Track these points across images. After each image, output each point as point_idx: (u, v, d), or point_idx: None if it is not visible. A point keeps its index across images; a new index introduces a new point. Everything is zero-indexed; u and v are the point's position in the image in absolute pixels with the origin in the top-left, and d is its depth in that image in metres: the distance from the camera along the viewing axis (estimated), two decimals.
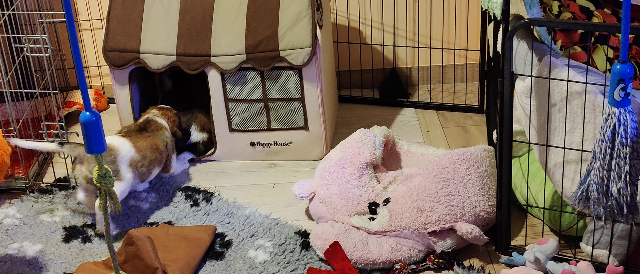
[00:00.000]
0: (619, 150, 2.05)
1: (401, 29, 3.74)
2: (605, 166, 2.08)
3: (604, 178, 2.10)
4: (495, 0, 2.51)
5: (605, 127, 2.05)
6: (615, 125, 2.03)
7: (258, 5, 3.08)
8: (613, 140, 2.05)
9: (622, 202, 2.10)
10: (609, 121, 2.04)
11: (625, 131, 2.02)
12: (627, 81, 1.94)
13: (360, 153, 2.86)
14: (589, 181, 2.14)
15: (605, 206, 2.13)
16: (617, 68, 1.93)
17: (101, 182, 1.94)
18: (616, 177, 2.08)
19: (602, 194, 2.12)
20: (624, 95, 1.97)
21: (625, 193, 2.08)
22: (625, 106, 2.00)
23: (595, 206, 2.15)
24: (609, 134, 2.04)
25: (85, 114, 1.80)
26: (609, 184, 2.10)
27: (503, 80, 2.37)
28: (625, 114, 2.01)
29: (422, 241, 2.62)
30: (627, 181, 2.07)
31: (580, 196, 2.17)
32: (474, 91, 3.76)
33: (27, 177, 3.09)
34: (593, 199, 2.14)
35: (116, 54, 3.11)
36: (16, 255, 2.73)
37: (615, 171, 2.08)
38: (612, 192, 2.09)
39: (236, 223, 2.84)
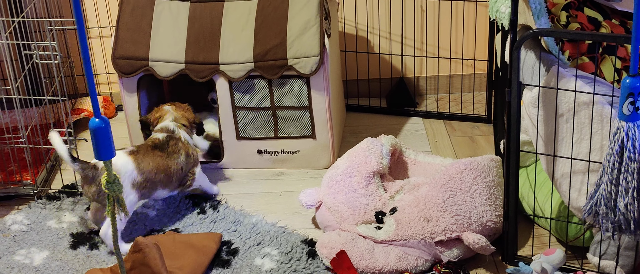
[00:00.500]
0: (627, 165, 2.04)
1: (409, 39, 3.75)
2: (613, 180, 2.07)
3: (612, 193, 2.09)
4: (503, 10, 2.51)
5: (614, 142, 2.03)
6: (624, 139, 2.02)
7: (267, 14, 3.09)
8: (621, 154, 2.04)
9: (630, 217, 2.09)
10: (617, 135, 2.02)
11: (633, 145, 2.01)
12: (636, 95, 1.93)
13: (368, 162, 2.87)
14: (598, 195, 2.13)
15: (613, 220, 2.12)
16: (627, 82, 1.91)
17: (110, 188, 1.94)
18: (624, 192, 2.07)
19: (610, 209, 2.11)
20: (634, 109, 1.95)
21: (633, 208, 2.07)
22: (635, 121, 1.98)
23: (604, 220, 2.14)
24: (618, 149, 2.03)
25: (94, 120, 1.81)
26: (617, 199, 2.09)
27: (511, 90, 2.37)
28: (634, 129, 2.00)
29: (428, 250, 2.62)
30: (635, 197, 2.06)
31: (590, 210, 2.17)
32: (481, 101, 3.76)
33: (35, 184, 3.10)
34: (601, 214, 2.13)
35: (125, 62, 3.12)
36: (23, 261, 2.74)
37: (622, 186, 2.07)
38: (619, 207, 2.08)
39: (243, 230, 2.85)
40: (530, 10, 2.40)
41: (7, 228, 2.93)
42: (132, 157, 2.78)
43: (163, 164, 2.84)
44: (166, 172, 2.85)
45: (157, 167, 2.82)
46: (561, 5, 2.72)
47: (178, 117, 2.98)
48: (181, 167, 2.89)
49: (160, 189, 2.87)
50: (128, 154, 2.78)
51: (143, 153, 2.81)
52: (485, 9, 3.62)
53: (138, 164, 2.77)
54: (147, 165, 2.79)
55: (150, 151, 2.83)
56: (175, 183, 2.91)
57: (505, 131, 2.45)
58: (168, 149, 2.87)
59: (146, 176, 2.79)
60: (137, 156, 2.79)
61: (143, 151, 2.82)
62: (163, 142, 2.88)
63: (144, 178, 2.78)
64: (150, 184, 2.81)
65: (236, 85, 3.11)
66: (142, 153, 2.81)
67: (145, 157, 2.80)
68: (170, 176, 2.87)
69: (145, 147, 2.85)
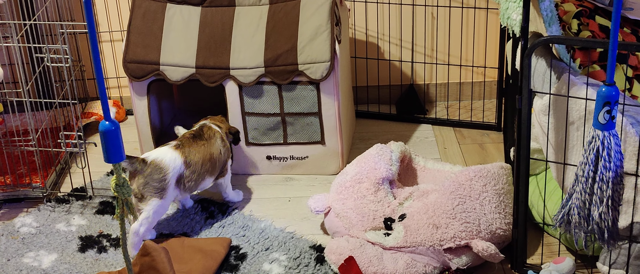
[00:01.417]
0: (602, 174, 2.02)
1: (419, 45, 3.75)
2: (588, 189, 2.06)
3: (585, 202, 2.07)
4: (514, 17, 2.51)
5: (589, 150, 2.02)
6: (599, 148, 2.00)
7: (278, 20, 3.10)
8: (596, 163, 2.02)
9: (603, 226, 2.07)
10: (592, 143, 2.01)
11: (609, 154, 1.99)
12: (612, 104, 1.92)
13: (377, 168, 2.86)
14: (570, 204, 2.12)
15: (586, 230, 2.10)
16: (603, 91, 1.90)
17: (119, 191, 1.94)
18: (598, 202, 2.05)
19: (584, 218, 2.09)
20: (609, 118, 1.94)
21: (607, 218, 2.05)
22: (610, 130, 1.97)
23: (576, 230, 2.12)
24: (593, 158, 2.02)
25: (104, 123, 1.81)
26: (591, 208, 2.07)
27: (521, 97, 2.36)
28: (610, 138, 1.98)
29: (437, 257, 2.61)
30: (609, 206, 2.04)
31: (562, 219, 2.15)
32: (491, 109, 3.75)
33: (45, 187, 3.11)
34: (574, 223, 2.11)
35: (136, 66, 3.12)
36: (32, 264, 2.74)
37: (597, 195, 2.04)
38: (593, 216, 2.06)
39: (251, 236, 2.84)
40: (541, 17, 2.40)
41: (16, 231, 2.93)
42: (180, 152, 2.79)
43: (208, 153, 2.87)
44: (211, 160, 2.88)
45: (204, 157, 2.85)
46: (572, 13, 2.72)
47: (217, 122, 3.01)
48: (221, 152, 2.93)
49: (207, 178, 2.90)
50: (175, 149, 2.79)
51: (188, 145, 2.83)
52: (496, 16, 3.61)
53: (186, 157, 2.79)
54: (194, 156, 2.82)
55: (192, 141, 2.86)
56: (217, 171, 2.95)
57: (516, 138, 2.45)
58: (204, 135, 2.90)
59: (193, 168, 2.81)
60: (184, 150, 2.80)
61: (187, 143, 2.84)
62: (198, 131, 2.91)
63: (191, 170, 2.80)
64: (197, 176, 2.84)
65: (246, 90, 3.11)
66: (188, 145, 2.83)
67: (191, 149, 2.82)
68: (214, 163, 2.90)
69: (187, 139, 2.86)
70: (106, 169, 3.31)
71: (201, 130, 2.92)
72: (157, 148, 2.82)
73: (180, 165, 2.76)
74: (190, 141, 2.86)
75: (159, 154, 2.75)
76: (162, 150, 2.78)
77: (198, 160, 2.83)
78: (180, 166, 2.76)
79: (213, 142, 2.90)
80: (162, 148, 2.80)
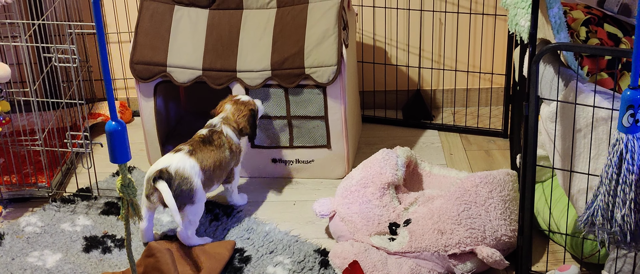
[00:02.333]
0: (625, 176, 2.03)
1: (426, 51, 3.74)
2: (611, 191, 2.07)
3: (609, 204, 2.08)
4: (522, 23, 2.50)
5: (613, 153, 2.03)
6: (623, 151, 2.02)
7: (285, 23, 3.10)
8: (619, 166, 2.03)
9: (626, 229, 2.08)
10: (616, 146, 2.02)
11: (632, 157, 2.00)
12: (636, 108, 1.93)
13: (382, 173, 2.86)
14: (595, 206, 2.12)
15: (609, 231, 2.11)
16: (628, 94, 1.92)
17: (124, 192, 1.95)
18: (621, 204, 2.06)
19: (607, 220, 2.10)
20: (633, 121, 1.95)
21: (629, 220, 2.06)
22: (634, 133, 1.98)
23: (600, 231, 2.12)
24: (616, 160, 2.03)
25: (111, 123, 1.82)
26: (614, 210, 2.08)
27: (528, 104, 2.36)
28: (634, 141, 2.00)
29: (441, 263, 2.60)
30: (632, 209, 2.05)
31: (586, 220, 2.16)
32: (498, 115, 3.74)
33: (50, 186, 3.11)
34: (598, 225, 2.12)
35: (143, 67, 3.13)
36: (36, 263, 2.75)
37: (620, 197, 2.06)
38: (616, 218, 2.07)
39: (256, 238, 2.84)
40: (549, 24, 2.39)
41: (21, 230, 2.93)
42: (195, 158, 2.78)
43: (217, 158, 2.86)
44: (220, 167, 2.88)
45: (214, 162, 2.84)
46: (581, 21, 2.71)
47: (228, 118, 2.96)
48: (229, 161, 2.92)
49: (215, 183, 2.91)
50: (190, 155, 2.78)
51: (200, 151, 2.82)
52: (503, 23, 3.61)
53: (201, 163, 2.79)
54: (207, 162, 2.81)
55: (202, 147, 2.84)
56: (224, 176, 2.95)
57: (522, 145, 2.44)
58: (214, 142, 2.88)
59: (207, 174, 2.81)
60: (197, 156, 2.80)
61: (198, 149, 2.83)
62: (208, 136, 2.90)
63: (205, 177, 2.81)
64: (208, 182, 2.84)
65: (252, 93, 3.11)
66: (199, 151, 2.82)
67: (203, 155, 2.82)
68: (222, 169, 2.90)
69: (197, 144, 2.85)
70: (112, 170, 3.31)
71: (211, 136, 2.89)
72: (170, 155, 2.78)
73: (199, 171, 2.77)
74: (201, 145, 2.84)
75: (179, 164, 2.73)
76: (179, 158, 2.75)
77: (210, 165, 2.82)
78: (198, 172, 2.76)
79: (222, 150, 2.89)
80: (176, 156, 2.76)
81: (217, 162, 2.85)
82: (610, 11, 2.79)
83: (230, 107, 2.98)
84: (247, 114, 2.97)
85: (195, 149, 2.81)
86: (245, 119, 2.96)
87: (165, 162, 2.73)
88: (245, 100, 3.00)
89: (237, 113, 2.97)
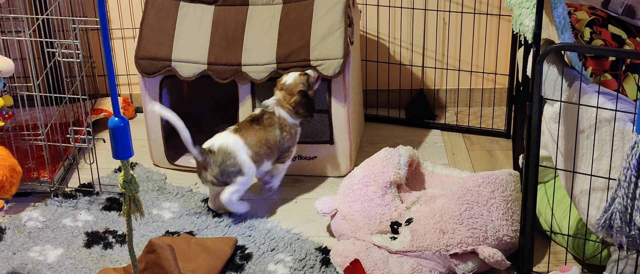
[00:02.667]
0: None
1: (430, 50, 3.74)
2: (630, 194, 2.06)
3: (627, 207, 2.08)
4: (526, 23, 2.50)
5: (631, 156, 2.03)
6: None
7: (291, 19, 3.10)
8: (638, 169, 2.03)
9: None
10: (635, 149, 2.02)
11: None
12: None
13: (385, 172, 2.86)
14: (612, 209, 2.12)
15: (627, 235, 2.10)
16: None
17: (126, 188, 1.95)
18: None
19: (625, 223, 2.09)
20: None
21: None
22: None
23: (618, 235, 2.12)
24: (635, 163, 2.02)
25: (113, 119, 1.81)
26: (633, 213, 2.07)
27: (532, 104, 2.35)
28: None
29: (443, 262, 2.60)
30: None
31: (604, 223, 2.15)
32: (501, 116, 3.74)
33: (52, 182, 3.11)
34: (616, 228, 2.12)
35: (147, 62, 3.13)
36: (37, 258, 2.75)
37: (639, 200, 2.05)
38: (635, 221, 2.07)
39: (257, 236, 2.84)
40: (554, 24, 2.39)
41: (23, 224, 2.94)
42: (239, 135, 2.91)
43: (263, 137, 2.95)
44: (267, 145, 2.96)
45: (260, 140, 2.94)
46: (585, 21, 2.71)
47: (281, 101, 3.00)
48: (279, 140, 2.99)
49: (265, 161, 2.99)
50: (233, 132, 2.92)
51: (245, 129, 2.94)
52: (507, 23, 3.61)
53: (245, 140, 2.90)
54: (251, 139, 2.92)
55: (249, 126, 2.96)
56: (276, 156, 3.02)
57: (525, 145, 2.44)
58: (264, 121, 2.97)
59: (254, 150, 2.92)
60: (241, 132, 2.92)
61: (244, 127, 2.95)
62: (258, 116, 2.99)
63: (253, 152, 2.91)
64: (258, 157, 2.94)
65: (258, 87, 3.11)
66: (244, 129, 2.94)
67: (248, 133, 2.93)
68: (271, 148, 2.98)
69: (245, 123, 2.97)
70: (114, 166, 3.31)
71: (262, 116, 2.98)
72: (215, 136, 2.93)
73: (243, 145, 2.89)
74: (247, 125, 2.96)
75: (222, 141, 2.88)
76: (223, 135, 2.91)
77: (255, 142, 2.92)
78: (242, 146, 2.89)
79: (270, 130, 2.97)
80: (221, 134, 2.92)
81: (263, 140, 2.94)
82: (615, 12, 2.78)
83: (280, 93, 3.03)
84: (296, 100, 3.00)
85: (240, 128, 2.94)
86: (298, 105, 3.01)
87: (209, 141, 2.91)
88: (291, 83, 3.02)
89: (288, 98, 3.01)
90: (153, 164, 3.37)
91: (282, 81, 3.03)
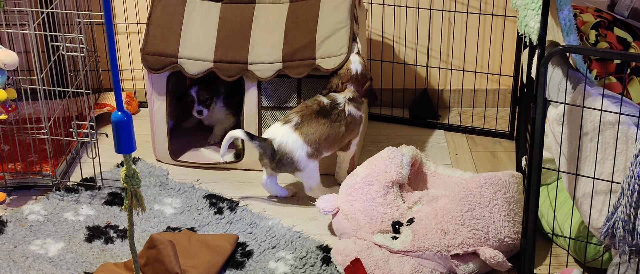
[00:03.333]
0: None
1: (435, 50, 3.74)
2: (633, 203, 2.04)
3: (630, 216, 2.06)
4: (532, 25, 2.49)
5: (635, 164, 2.01)
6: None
7: (297, 16, 3.10)
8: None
9: None
10: (639, 157, 2.00)
11: None
12: None
13: (387, 171, 2.85)
14: (615, 217, 2.10)
15: (630, 244, 2.09)
16: None
17: (128, 182, 1.95)
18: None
19: (628, 232, 2.07)
20: None
21: None
22: None
23: (621, 243, 2.10)
24: (639, 171, 2.01)
25: (116, 113, 1.81)
26: (636, 222, 2.06)
27: (536, 106, 2.35)
28: None
29: (444, 263, 2.59)
30: None
31: (606, 232, 2.13)
32: (504, 117, 3.73)
33: (54, 175, 3.11)
34: (619, 237, 2.10)
35: (154, 58, 3.13)
36: (38, 252, 2.75)
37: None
38: (638, 230, 2.05)
39: (258, 233, 2.84)
40: (559, 26, 2.38)
41: (24, 218, 2.94)
42: (299, 133, 2.91)
43: (325, 133, 2.94)
44: (328, 139, 2.96)
45: (320, 136, 2.93)
46: (591, 24, 2.70)
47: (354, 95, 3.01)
48: (342, 136, 2.99)
49: (325, 152, 3.01)
50: (294, 129, 2.91)
51: (307, 123, 2.92)
52: (512, 24, 3.60)
53: (305, 137, 2.91)
54: (311, 135, 2.91)
55: (314, 118, 2.93)
56: (337, 146, 3.04)
57: (528, 147, 2.43)
58: (331, 116, 2.96)
59: (314, 147, 2.93)
60: (302, 129, 2.91)
61: (306, 121, 2.92)
62: (328, 108, 2.96)
63: (313, 149, 2.93)
64: (317, 154, 2.97)
65: (264, 84, 3.11)
66: (306, 123, 2.92)
67: (309, 128, 2.92)
68: (332, 141, 2.98)
69: (309, 114, 2.94)
70: (116, 160, 3.31)
71: (331, 111, 2.96)
72: (278, 125, 2.93)
73: (302, 144, 2.91)
74: (312, 117, 2.93)
75: (282, 139, 2.90)
76: (284, 133, 2.90)
77: (315, 138, 2.92)
78: (302, 145, 2.91)
79: (336, 126, 2.96)
80: (283, 129, 2.91)
81: (324, 135, 2.94)
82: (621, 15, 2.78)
83: (351, 86, 3.01)
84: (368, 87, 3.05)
85: (303, 122, 2.92)
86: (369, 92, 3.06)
87: (272, 132, 2.92)
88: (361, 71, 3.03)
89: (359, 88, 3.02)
90: (156, 160, 3.36)
91: (352, 71, 3.01)
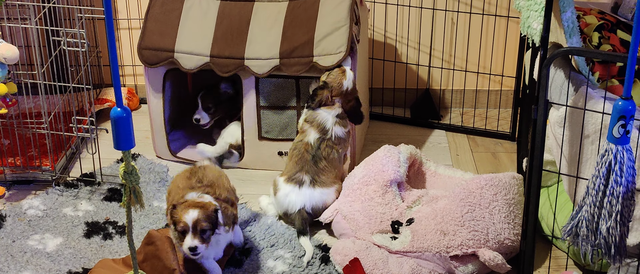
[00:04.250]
0: (613, 188, 1.98)
1: (437, 50, 3.73)
2: (597, 203, 2.03)
3: (594, 215, 2.04)
4: (534, 26, 2.48)
5: (601, 163, 1.99)
6: (611, 162, 1.97)
7: (296, 15, 3.09)
8: (607, 177, 1.99)
9: (611, 242, 2.03)
10: (605, 157, 1.98)
11: (621, 169, 1.96)
12: (628, 119, 1.89)
13: (384, 170, 2.84)
14: (579, 216, 2.09)
15: (593, 244, 2.07)
16: (619, 104, 1.87)
17: (127, 179, 1.94)
18: (607, 216, 2.02)
19: (591, 232, 2.06)
20: (624, 132, 1.91)
21: (615, 233, 2.02)
22: (624, 144, 1.94)
23: (583, 243, 2.09)
24: (604, 171, 1.98)
25: (116, 109, 1.81)
26: (599, 222, 2.04)
27: (537, 107, 2.34)
28: (623, 152, 1.95)
29: (443, 264, 2.59)
30: (618, 221, 2.01)
31: (570, 231, 2.12)
32: (506, 118, 3.72)
33: (54, 170, 3.11)
34: (582, 236, 2.08)
35: (150, 52, 3.12)
36: (37, 247, 2.74)
37: (606, 209, 2.01)
38: (601, 230, 2.03)
39: (257, 231, 2.83)
40: (562, 28, 2.37)
41: (23, 212, 2.93)
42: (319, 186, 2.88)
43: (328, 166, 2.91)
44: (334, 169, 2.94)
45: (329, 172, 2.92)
46: (594, 26, 2.69)
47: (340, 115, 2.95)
48: (337, 157, 2.95)
49: None
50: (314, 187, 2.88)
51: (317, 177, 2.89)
52: (515, 25, 3.59)
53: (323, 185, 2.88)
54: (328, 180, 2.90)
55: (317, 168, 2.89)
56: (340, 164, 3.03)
57: (529, 149, 2.42)
58: (323, 154, 2.91)
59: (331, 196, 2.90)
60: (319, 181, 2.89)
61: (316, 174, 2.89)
62: (319, 151, 2.92)
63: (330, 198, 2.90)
64: None
65: (262, 84, 3.10)
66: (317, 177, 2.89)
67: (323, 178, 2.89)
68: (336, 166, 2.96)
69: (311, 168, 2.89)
70: (116, 156, 3.31)
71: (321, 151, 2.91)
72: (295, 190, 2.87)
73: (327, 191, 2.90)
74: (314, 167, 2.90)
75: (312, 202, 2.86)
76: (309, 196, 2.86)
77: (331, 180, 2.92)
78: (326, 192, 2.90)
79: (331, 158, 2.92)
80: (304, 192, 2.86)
81: (329, 168, 2.91)
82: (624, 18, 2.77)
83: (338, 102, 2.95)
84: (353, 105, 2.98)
85: (314, 178, 2.88)
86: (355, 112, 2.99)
87: (301, 201, 2.84)
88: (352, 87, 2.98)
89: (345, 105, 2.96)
90: (156, 156, 3.36)
91: (343, 86, 2.95)
